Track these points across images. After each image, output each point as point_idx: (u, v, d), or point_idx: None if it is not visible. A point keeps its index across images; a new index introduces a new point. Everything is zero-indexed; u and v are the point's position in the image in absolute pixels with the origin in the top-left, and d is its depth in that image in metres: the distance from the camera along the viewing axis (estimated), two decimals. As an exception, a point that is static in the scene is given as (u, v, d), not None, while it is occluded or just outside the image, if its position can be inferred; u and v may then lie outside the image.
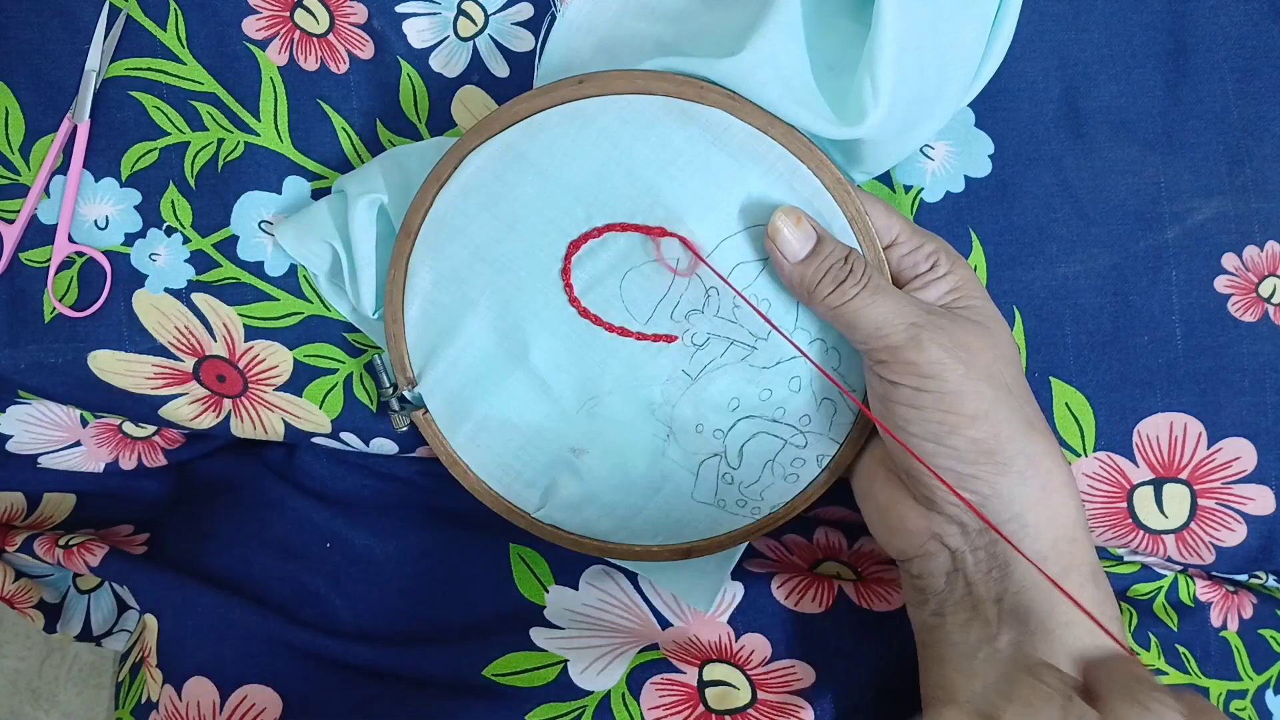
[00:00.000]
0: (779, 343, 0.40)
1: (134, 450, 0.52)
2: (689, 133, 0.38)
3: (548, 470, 0.44)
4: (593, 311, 0.41)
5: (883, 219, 0.39)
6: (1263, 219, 0.44)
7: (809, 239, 0.38)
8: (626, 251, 0.40)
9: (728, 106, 0.38)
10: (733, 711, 0.43)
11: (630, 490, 0.43)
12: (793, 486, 0.42)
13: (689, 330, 0.40)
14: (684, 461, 0.42)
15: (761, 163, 0.38)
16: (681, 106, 0.38)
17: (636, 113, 0.38)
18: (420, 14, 0.46)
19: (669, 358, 0.41)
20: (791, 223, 0.38)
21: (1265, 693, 0.46)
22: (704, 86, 0.38)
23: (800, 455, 0.42)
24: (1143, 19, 0.45)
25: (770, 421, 0.41)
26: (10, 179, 0.45)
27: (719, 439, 0.42)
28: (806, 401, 0.41)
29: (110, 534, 0.51)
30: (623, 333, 0.41)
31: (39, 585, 0.53)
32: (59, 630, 0.53)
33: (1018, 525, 0.36)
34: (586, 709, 0.43)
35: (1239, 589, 0.48)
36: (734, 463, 0.42)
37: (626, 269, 0.40)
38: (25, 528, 0.51)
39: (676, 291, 0.40)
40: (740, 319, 0.40)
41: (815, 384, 0.41)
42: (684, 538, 0.44)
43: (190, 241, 0.46)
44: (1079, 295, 0.45)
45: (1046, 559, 0.36)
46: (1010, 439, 0.36)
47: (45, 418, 0.49)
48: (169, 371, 0.47)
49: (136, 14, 0.45)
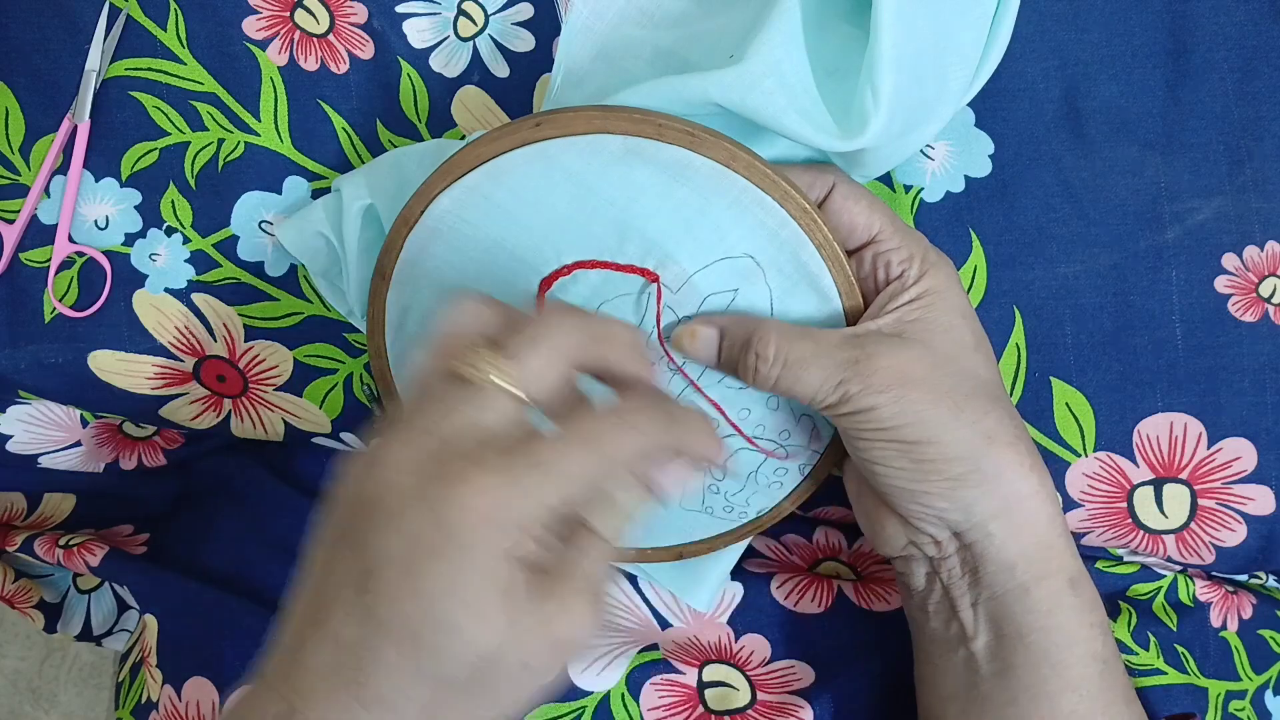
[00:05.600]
0: None
1: (134, 450, 0.52)
2: (650, 170, 0.37)
3: None
4: None
5: (864, 216, 0.39)
6: (1263, 219, 0.44)
7: (711, 342, 0.38)
8: (598, 286, 0.39)
9: (687, 143, 0.36)
10: (732, 712, 0.43)
11: None
12: (778, 493, 0.42)
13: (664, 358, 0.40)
14: None
15: (726, 196, 0.37)
16: (641, 145, 0.37)
17: (597, 152, 0.37)
18: (420, 14, 0.46)
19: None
20: (688, 340, 0.38)
21: (1265, 693, 0.46)
22: (662, 124, 0.36)
23: (783, 465, 0.42)
24: (1143, 19, 0.45)
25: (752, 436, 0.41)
26: (10, 179, 0.45)
27: None
28: (785, 418, 0.41)
29: (110, 534, 0.52)
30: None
31: (39, 585, 0.53)
32: (59, 630, 0.53)
33: (982, 535, 0.36)
34: (586, 709, 0.43)
35: (1239, 589, 0.48)
36: (717, 475, 0.42)
37: (599, 303, 0.39)
38: (25, 528, 0.51)
39: (650, 323, 0.39)
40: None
41: (793, 401, 0.40)
42: (674, 541, 0.44)
43: (190, 241, 0.46)
44: (1079, 295, 0.45)
45: (1015, 567, 0.36)
46: (960, 457, 0.36)
47: (45, 418, 0.49)
48: (169, 371, 0.47)
49: (136, 14, 0.45)
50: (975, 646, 0.38)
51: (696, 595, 0.45)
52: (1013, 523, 0.36)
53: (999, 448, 0.36)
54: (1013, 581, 0.37)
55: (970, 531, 0.37)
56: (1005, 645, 0.37)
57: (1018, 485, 0.36)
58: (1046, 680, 0.36)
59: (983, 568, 0.37)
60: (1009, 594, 0.37)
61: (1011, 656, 0.37)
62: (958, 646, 0.38)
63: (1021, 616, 0.37)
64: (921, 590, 0.39)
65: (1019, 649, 0.37)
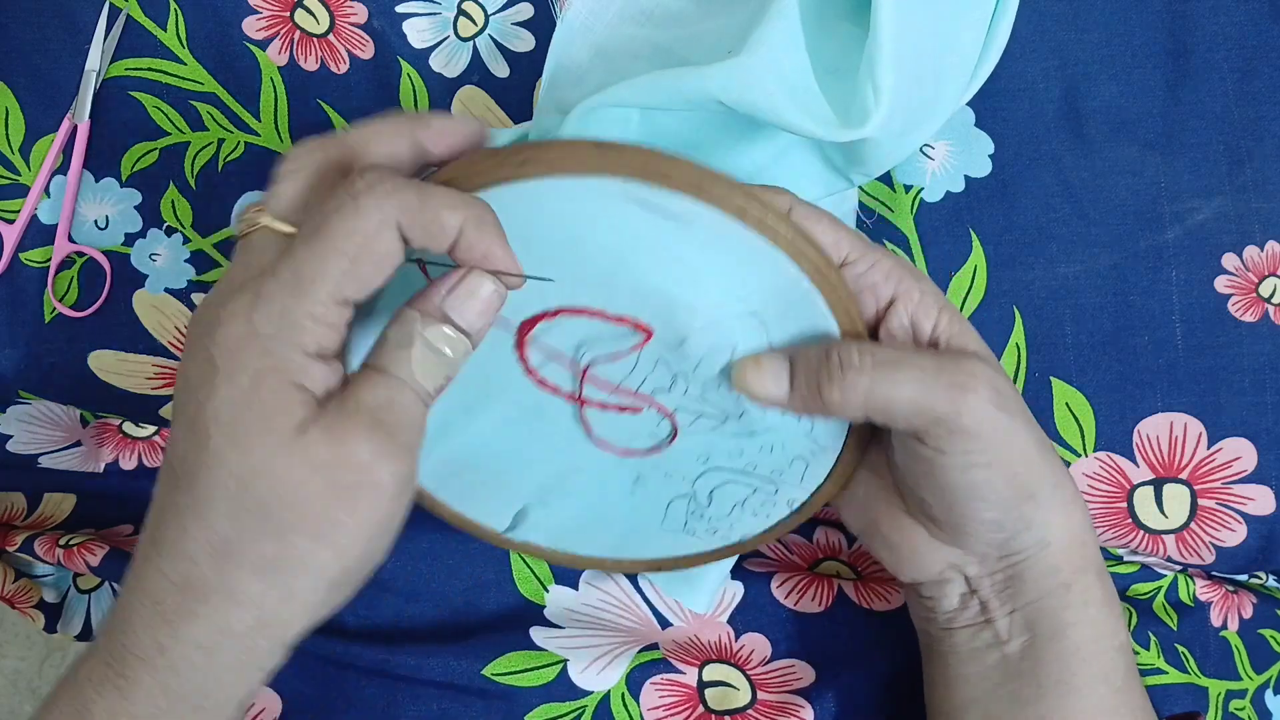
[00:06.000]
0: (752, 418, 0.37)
1: (134, 450, 0.52)
2: (652, 218, 0.33)
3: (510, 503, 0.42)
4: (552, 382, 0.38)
5: (830, 235, 0.35)
6: (1263, 219, 0.44)
7: (780, 372, 0.35)
8: (585, 335, 0.36)
9: (694, 192, 0.32)
10: (732, 712, 0.43)
11: (598, 523, 0.42)
12: (763, 522, 0.41)
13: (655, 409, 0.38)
14: (651, 501, 0.41)
15: (734, 250, 0.33)
16: (642, 192, 0.32)
17: (592, 199, 0.32)
18: (420, 14, 0.46)
19: (635, 423, 0.38)
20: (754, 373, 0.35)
21: (1265, 692, 0.46)
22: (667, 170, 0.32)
23: (771, 499, 0.40)
24: (1143, 19, 0.45)
25: (740, 473, 0.39)
26: (10, 179, 0.45)
27: (687, 483, 0.40)
28: (778, 460, 0.39)
29: (110, 534, 0.51)
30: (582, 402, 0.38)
31: (39, 585, 0.53)
32: (59, 630, 0.53)
33: (1040, 547, 0.36)
34: (586, 709, 0.43)
35: (1239, 589, 0.48)
36: (703, 503, 0.41)
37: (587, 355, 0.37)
38: (25, 528, 0.51)
39: (641, 373, 0.37)
40: (710, 401, 0.37)
41: (788, 447, 0.38)
42: (655, 555, 0.43)
43: (190, 242, 0.46)
44: (1079, 295, 0.45)
45: (1060, 569, 0.36)
46: (1041, 472, 0.35)
47: (45, 418, 0.49)
48: (169, 371, 0.47)
49: (136, 14, 0.45)
50: (1008, 650, 0.37)
51: (695, 598, 0.45)
52: (1063, 527, 0.36)
53: (1054, 457, 0.36)
54: (1055, 581, 0.36)
55: (1030, 546, 0.35)
56: (1039, 644, 0.36)
57: (1068, 488, 0.36)
58: (1076, 674, 0.36)
59: (1028, 573, 0.36)
60: (1051, 594, 0.36)
61: (1044, 653, 0.36)
62: (987, 654, 0.37)
63: (1059, 613, 0.36)
64: (953, 609, 0.38)
65: (1053, 646, 0.36)
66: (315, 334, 0.29)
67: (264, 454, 0.28)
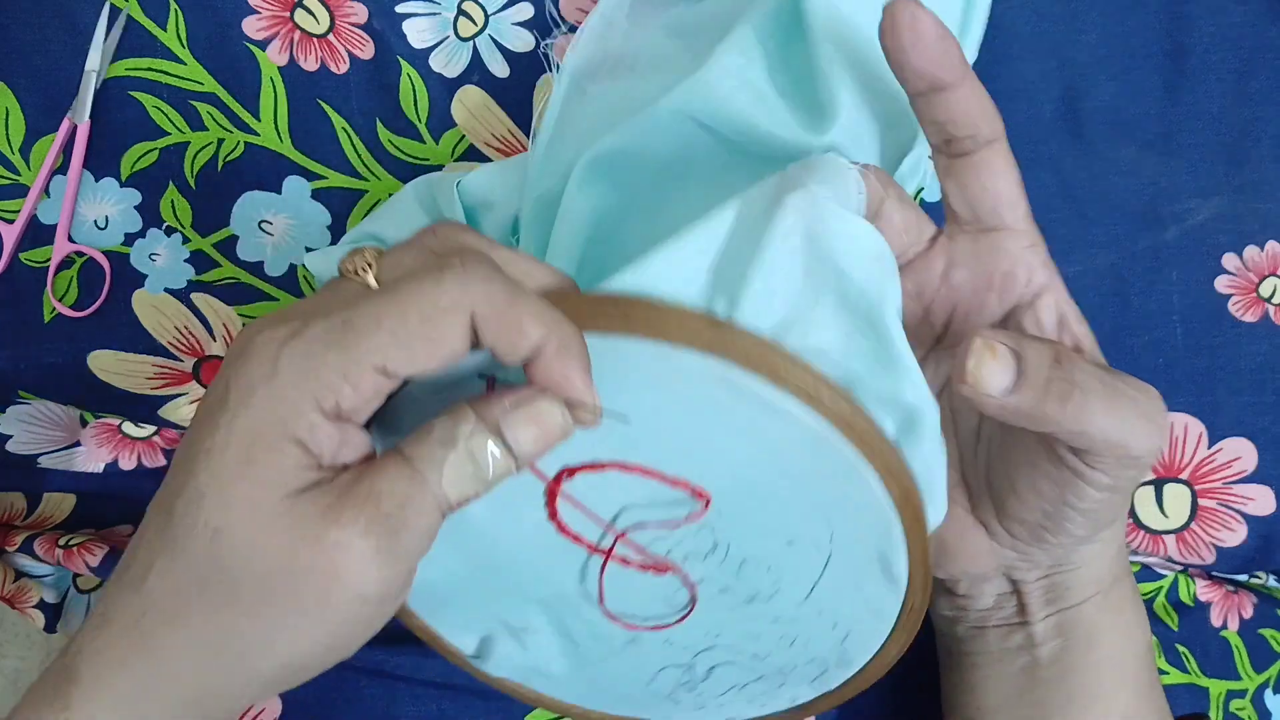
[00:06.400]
0: (780, 603, 0.34)
1: (134, 450, 0.52)
2: (749, 411, 0.29)
3: (482, 624, 0.38)
4: (573, 530, 0.33)
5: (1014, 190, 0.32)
6: (1263, 219, 0.44)
7: (1009, 365, 0.29)
8: (629, 488, 0.32)
9: (806, 398, 0.29)
10: (733, 711, 0.43)
11: (580, 671, 0.38)
12: (756, 710, 0.38)
13: (685, 570, 0.34)
14: (643, 663, 0.37)
15: (822, 458, 0.30)
16: (745, 381, 0.29)
17: (687, 374, 0.29)
18: (420, 14, 0.46)
19: (654, 586, 0.34)
20: (989, 357, 0.29)
21: (1265, 692, 0.46)
22: (783, 366, 0.28)
23: (773, 691, 0.37)
24: (1141, 20, 0.45)
25: (750, 657, 0.36)
26: (10, 179, 0.45)
27: (687, 654, 0.36)
28: (795, 657, 0.35)
29: (110, 534, 0.51)
30: (608, 556, 0.34)
31: (39, 585, 0.53)
32: (59, 630, 0.53)
33: (1095, 556, 0.35)
34: (586, 709, 0.43)
35: (1239, 589, 0.48)
36: (699, 676, 0.37)
37: (623, 505, 0.33)
38: (25, 528, 0.51)
39: (681, 534, 0.33)
40: (744, 578, 0.34)
41: (811, 646, 0.35)
42: (632, 713, 0.40)
43: (190, 241, 0.46)
44: (1079, 295, 0.44)
45: (1103, 576, 0.36)
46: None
47: (45, 418, 0.49)
48: (169, 371, 0.47)
49: (136, 14, 0.45)
50: (1040, 653, 0.36)
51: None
52: (1113, 538, 0.35)
53: None
54: (1096, 588, 0.36)
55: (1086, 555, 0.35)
56: (1072, 651, 0.36)
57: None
58: (1104, 681, 0.36)
59: (1074, 579, 0.35)
60: (1091, 600, 0.36)
61: (1077, 661, 0.36)
62: (1018, 656, 0.37)
63: (1094, 619, 0.36)
64: (987, 608, 0.37)
65: (1085, 652, 0.36)
66: (339, 392, 0.25)
67: (245, 512, 0.25)
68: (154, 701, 0.27)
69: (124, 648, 0.26)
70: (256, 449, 0.25)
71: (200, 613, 0.26)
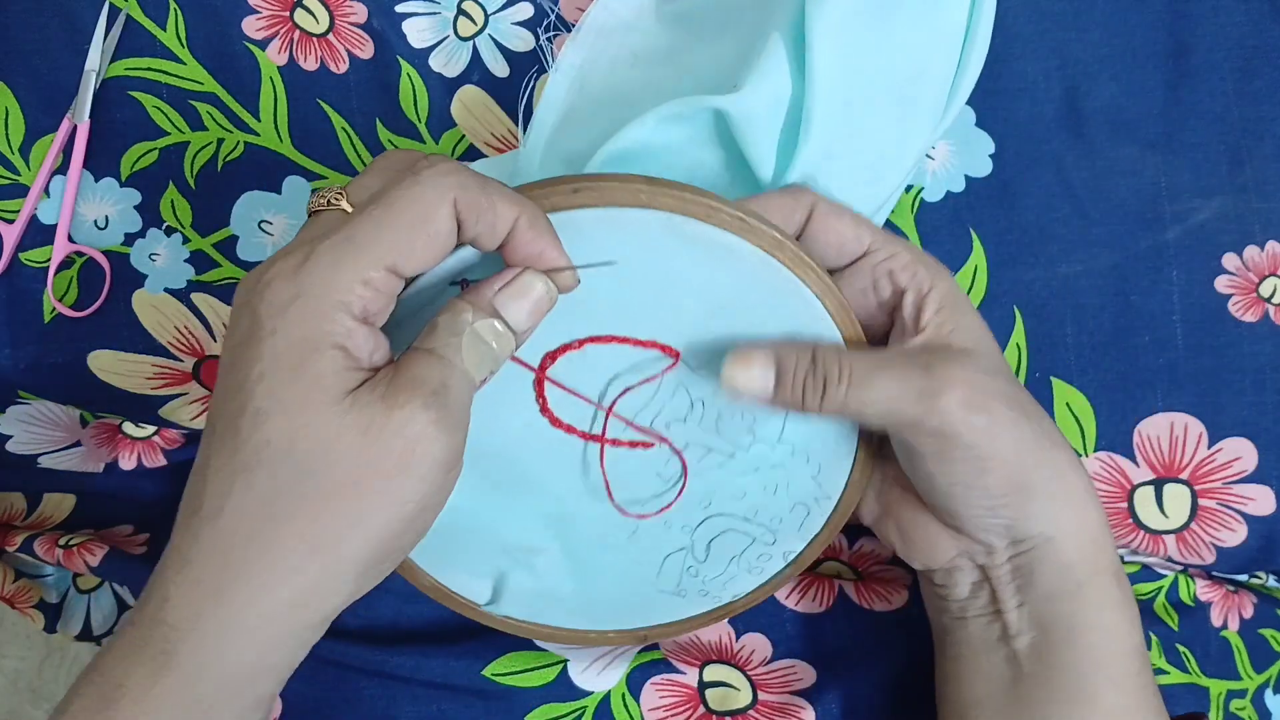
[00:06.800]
0: (759, 451, 0.38)
1: (134, 450, 0.52)
2: (692, 252, 0.34)
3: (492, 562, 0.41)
4: (566, 421, 0.37)
5: (852, 230, 0.37)
6: (1263, 219, 0.44)
7: (767, 373, 0.35)
8: (608, 360, 0.36)
9: (737, 228, 0.34)
10: (733, 712, 0.43)
11: (590, 583, 0.41)
12: (756, 579, 0.41)
13: (669, 437, 0.38)
14: (648, 556, 0.40)
15: (766, 285, 0.35)
16: (685, 227, 0.34)
17: (636, 232, 0.34)
18: (420, 14, 0.46)
19: (643, 460, 0.38)
20: (742, 371, 0.35)
21: (1265, 692, 0.46)
22: (713, 205, 0.34)
23: (767, 551, 0.40)
24: (1143, 19, 0.45)
25: (741, 519, 0.39)
26: (10, 179, 0.45)
27: (686, 534, 0.40)
28: (780, 505, 0.39)
29: (110, 534, 0.51)
30: (598, 439, 0.38)
31: (39, 585, 0.53)
32: (59, 630, 0.53)
33: (1043, 540, 0.36)
34: (586, 709, 0.43)
35: (1239, 589, 0.48)
36: (700, 556, 0.40)
37: (607, 379, 0.37)
38: (25, 528, 0.51)
39: (660, 402, 0.37)
40: (723, 431, 0.38)
41: (791, 489, 0.39)
42: (640, 623, 0.42)
43: (190, 241, 0.46)
44: (1079, 295, 0.45)
45: (1073, 566, 0.36)
46: (1037, 465, 0.35)
47: (45, 418, 0.49)
48: (169, 371, 0.47)
49: (136, 14, 0.45)
50: (1018, 645, 0.37)
51: None
52: (1073, 524, 0.36)
53: (1057, 450, 0.36)
54: (1069, 581, 0.36)
55: (1033, 538, 0.36)
56: (1051, 645, 0.36)
57: (1074, 486, 0.36)
58: (1087, 678, 0.36)
59: (1038, 570, 0.36)
60: (1063, 594, 0.36)
61: (1056, 656, 0.36)
62: (998, 647, 0.37)
63: (1073, 616, 0.36)
64: (964, 598, 0.38)
65: (1066, 648, 0.36)
66: (363, 298, 0.29)
67: (311, 416, 0.28)
68: (257, 618, 0.29)
69: (214, 578, 0.29)
70: (306, 361, 0.28)
71: (291, 520, 0.28)
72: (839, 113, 0.37)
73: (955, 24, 0.38)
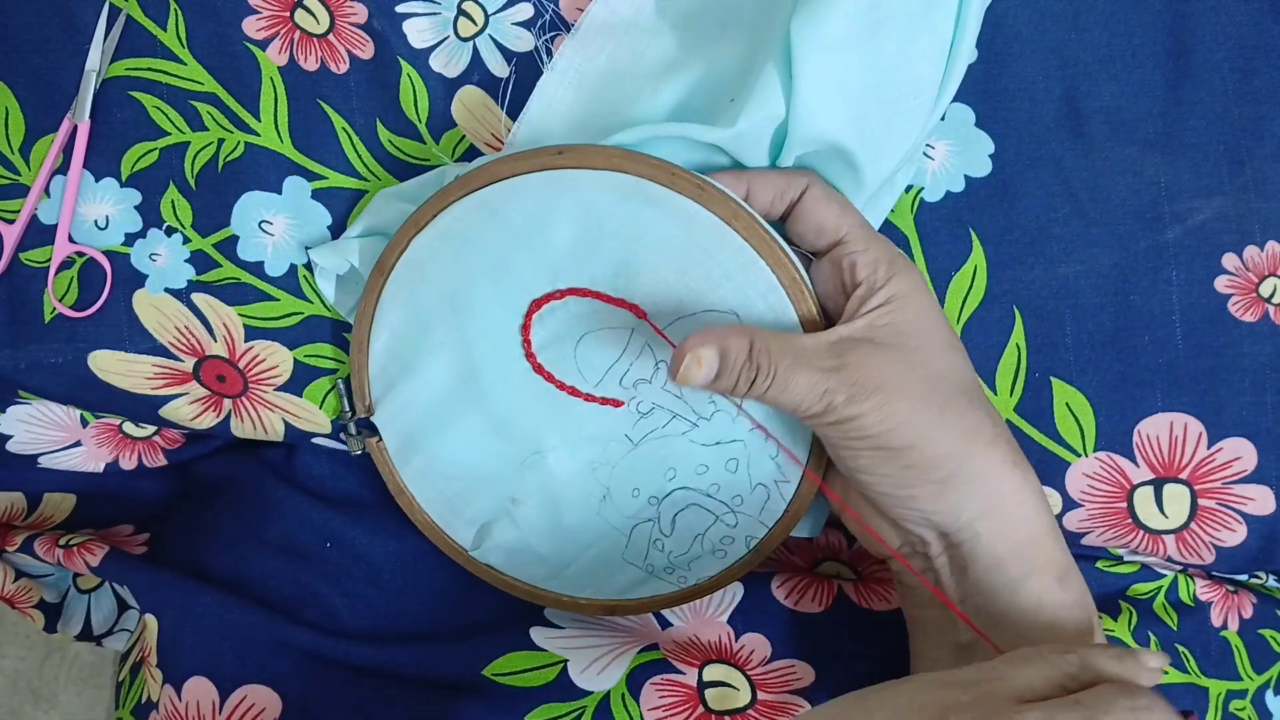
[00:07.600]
0: (719, 423, 0.41)
1: (134, 450, 0.52)
2: (657, 213, 0.38)
3: (487, 512, 0.45)
4: (547, 369, 0.42)
5: (834, 218, 0.39)
6: (1263, 219, 0.44)
7: (711, 366, 0.37)
8: (585, 315, 0.41)
9: (694, 195, 0.38)
10: (732, 712, 0.43)
11: (563, 542, 0.44)
12: (720, 562, 0.43)
13: (635, 398, 0.41)
14: (618, 522, 0.43)
15: (723, 252, 0.38)
16: (651, 189, 0.38)
17: (611, 188, 0.39)
18: (420, 14, 0.46)
19: (614, 421, 0.42)
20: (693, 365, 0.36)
21: (1265, 693, 0.46)
22: (675, 173, 0.38)
23: (730, 534, 0.42)
24: (1143, 19, 0.44)
25: (704, 495, 0.42)
26: (10, 179, 0.45)
27: (654, 505, 0.43)
28: (741, 483, 0.41)
29: (110, 534, 0.52)
30: (573, 392, 0.42)
31: (39, 585, 0.53)
32: (59, 630, 0.53)
33: (969, 535, 0.37)
34: (586, 709, 0.43)
35: (1239, 589, 0.48)
36: (665, 530, 0.43)
37: (584, 332, 0.41)
38: (25, 528, 0.51)
39: (628, 360, 0.41)
40: (685, 395, 0.41)
41: (751, 468, 0.41)
42: (609, 594, 0.45)
43: (190, 241, 0.46)
44: (1079, 295, 0.45)
45: (1004, 564, 0.37)
46: (943, 460, 0.36)
47: (45, 418, 0.49)
48: (169, 371, 0.47)
49: (136, 14, 0.45)
50: (962, 639, 0.38)
51: None
52: (999, 521, 0.37)
53: (980, 447, 0.37)
54: (1002, 578, 0.37)
55: (958, 532, 0.37)
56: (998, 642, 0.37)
57: (1000, 484, 0.37)
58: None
59: (971, 566, 0.37)
60: (998, 590, 0.37)
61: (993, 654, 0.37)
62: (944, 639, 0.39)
63: (1010, 613, 0.37)
64: (918, 588, 0.40)
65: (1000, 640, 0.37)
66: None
67: None
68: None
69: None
70: None
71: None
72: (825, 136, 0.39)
73: (942, 36, 0.39)
